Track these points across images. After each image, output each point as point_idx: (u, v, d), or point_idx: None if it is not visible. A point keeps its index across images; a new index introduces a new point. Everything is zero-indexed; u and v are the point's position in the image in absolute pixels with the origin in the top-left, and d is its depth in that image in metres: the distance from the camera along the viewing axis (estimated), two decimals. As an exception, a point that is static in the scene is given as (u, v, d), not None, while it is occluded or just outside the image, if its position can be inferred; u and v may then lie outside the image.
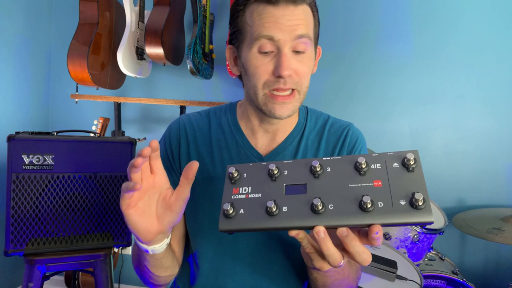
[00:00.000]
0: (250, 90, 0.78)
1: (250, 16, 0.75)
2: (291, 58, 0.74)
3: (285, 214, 0.52)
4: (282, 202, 0.54)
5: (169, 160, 0.88)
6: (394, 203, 0.49)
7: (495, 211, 1.88)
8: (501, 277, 2.13)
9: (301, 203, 0.53)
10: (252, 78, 0.76)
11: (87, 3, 1.97)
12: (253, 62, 0.75)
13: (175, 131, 0.89)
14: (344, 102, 2.23)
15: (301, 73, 0.75)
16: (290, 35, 0.72)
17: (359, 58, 2.21)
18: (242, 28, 0.77)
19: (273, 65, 0.74)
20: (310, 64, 0.79)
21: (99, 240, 1.49)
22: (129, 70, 2.01)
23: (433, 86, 2.14)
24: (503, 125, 2.09)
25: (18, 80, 2.27)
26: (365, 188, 0.52)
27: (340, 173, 0.55)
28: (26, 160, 1.38)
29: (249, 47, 0.75)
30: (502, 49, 2.08)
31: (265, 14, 0.72)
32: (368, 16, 2.19)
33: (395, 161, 0.54)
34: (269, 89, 0.75)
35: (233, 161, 0.86)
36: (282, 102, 0.76)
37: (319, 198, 0.51)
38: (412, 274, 1.39)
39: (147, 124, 2.43)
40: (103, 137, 1.97)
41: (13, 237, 1.37)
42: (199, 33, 2.03)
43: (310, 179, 0.55)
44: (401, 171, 0.53)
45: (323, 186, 0.54)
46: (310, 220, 0.51)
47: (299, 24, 0.73)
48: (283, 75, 0.72)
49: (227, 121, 0.90)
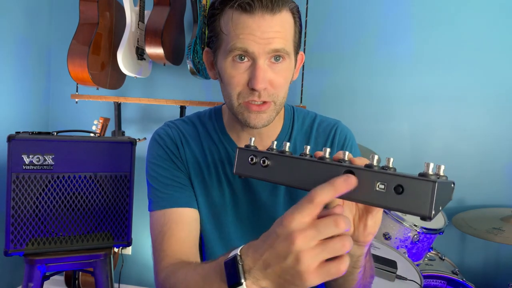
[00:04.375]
0: (226, 98, 0.77)
1: (225, 24, 0.72)
2: (266, 70, 0.71)
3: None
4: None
5: (173, 161, 0.85)
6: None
7: (495, 211, 1.88)
8: (501, 277, 2.13)
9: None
10: (227, 87, 0.75)
11: (87, 3, 1.97)
12: (227, 71, 0.73)
13: (169, 136, 0.86)
14: (343, 102, 2.23)
15: (276, 84, 0.73)
16: (264, 48, 0.69)
17: (359, 58, 2.20)
18: (218, 35, 0.75)
19: (247, 76, 0.72)
20: (288, 75, 0.76)
21: (99, 240, 1.50)
22: (129, 70, 2.01)
23: (433, 86, 2.14)
24: (503, 125, 2.09)
25: (18, 80, 2.27)
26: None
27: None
28: (26, 160, 1.38)
29: (224, 56, 0.73)
30: (502, 49, 2.08)
31: (240, 24, 0.69)
32: (368, 16, 2.19)
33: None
34: (243, 100, 0.73)
35: (225, 169, 0.84)
36: (257, 112, 0.74)
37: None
38: (412, 274, 1.39)
39: (147, 124, 2.43)
40: (103, 137, 1.97)
41: (13, 237, 1.37)
42: (199, 33, 2.03)
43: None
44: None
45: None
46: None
47: (274, 37, 0.70)
48: (257, 89, 0.70)
49: (213, 127, 0.88)
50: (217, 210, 0.85)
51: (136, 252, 2.45)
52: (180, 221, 0.79)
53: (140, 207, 1.68)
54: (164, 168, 0.84)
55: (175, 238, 0.77)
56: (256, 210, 0.85)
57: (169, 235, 0.77)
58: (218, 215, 0.85)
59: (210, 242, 0.86)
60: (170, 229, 0.78)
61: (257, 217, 0.85)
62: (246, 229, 0.85)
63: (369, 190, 0.46)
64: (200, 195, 0.85)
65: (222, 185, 0.85)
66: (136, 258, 2.45)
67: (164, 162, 0.85)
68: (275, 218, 0.85)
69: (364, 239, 0.58)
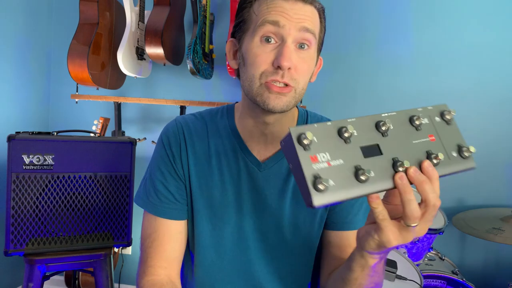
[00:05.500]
0: (246, 81, 0.76)
1: (258, 6, 0.74)
2: (293, 51, 0.72)
3: (373, 178, 0.51)
4: (366, 166, 0.51)
5: (172, 165, 0.85)
6: (449, 155, 0.57)
7: (495, 211, 1.88)
8: (501, 277, 2.13)
9: (383, 164, 0.53)
10: (250, 68, 0.74)
11: (87, 3, 1.97)
12: (253, 50, 0.73)
13: (175, 135, 0.86)
14: (343, 102, 2.23)
15: (300, 70, 0.73)
16: (295, 26, 0.71)
17: (359, 58, 2.21)
18: (248, 18, 0.76)
19: (273, 55, 0.72)
20: (311, 65, 0.76)
21: (99, 240, 1.50)
22: (129, 70, 2.01)
23: (433, 86, 2.14)
24: (503, 125, 2.09)
25: (18, 80, 2.27)
26: (426, 144, 0.56)
27: (401, 130, 0.56)
28: (26, 160, 1.38)
29: (252, 36, 0.74)
30: (502, 49, 2.08)
31: (273, 4, 0.72)
32: (368, 16, 2.19)
33: (435, 115, 0.59)
34: (266, 80, 0.72)
35: (231, 168, 0.84)
36: (277, 93, 0.72)
37: (397, 158, 0.53)
38: (412, 274, 1.39)
39: (147, 124, 2.43)
40: (103, 137, 1.97)
41: (13, 237, 1.37)
42: (199, 33, 2.03)
43: (380, 138, 0.55)
44: (443, 125, 0.59)
45: (393, 145, 0.54)
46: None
47: (306, 19, 0.72)
48: (283, 66, 0.69)
49: (224, 125, 0.87)
50: (218, 210, 0.84)
51: (136, 252, 2.45)
52: (168, 232, 0.84)
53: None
54: (162, 174, 0.85)
55: (161, 248, 0.83)
56: (260, 212, 0.84)
57: (157, 244, 0.83)
58: (218, 215, 0.85)
59: (204, 242, 0.85)
60: (158, 239, 0.84)
61: (260, 219, 0.84)
62: (246, 232, 0.85)
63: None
64: (200, 195, 0.84)
65: (225, 184, 0.84)
66: (136, 258, 2.45)
67: (164, 166, 0.85)
68: (280, 222, 0.83)
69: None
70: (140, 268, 0.84)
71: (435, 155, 0.54)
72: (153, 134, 2.40)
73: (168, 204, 0.84)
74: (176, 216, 0.85)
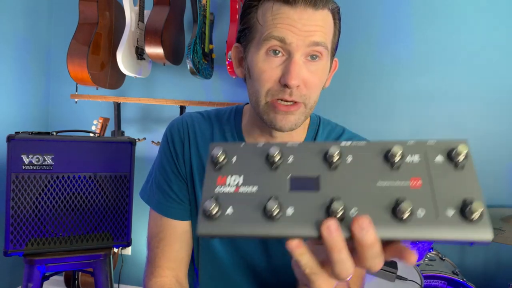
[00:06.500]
0: (253, 96, 0.71)
1: (262, 14, 0.67)
2: (301, 66, 0.65)
3: (290, 218, 0.38)
4: (286, 201, 0.39)
5: (175, 163, 0.84)
6: (439, 212, 0.37)
7: (495, 211, 1.88)
8: (501, 277, 2.13)
9: (312, 204, 0.39)
10: (255, 83, 0.69)
11: (87, 3, 1.97)
12: (259, 65, 0.67)
13: (179, 133, 0.84)
14: (343, 102, 2.23)
15: (310, 84, 0.67)
16: (304, 41, 0.64)
17: (359, 58, 2.20)
18: (253, 27, 0.69)
19: (280, 72, 0.66)
20: (323, 77, 0.70)
21: (99, 240, 1.49)
22: (129, 70, 2.01)
23: (433, 86, 2.14)
24: (503, 125, 2.09)
25: (18, 80, 2.26)
26: (400, 189, 0.39)
27: (365, 165, 0.41)
28: (26, 160, 1.38)
29: (257, 48, 0.68)
30: (502, 49, 2.07)
31: (279, 14, 0.65)
32: (368, 16, 2.19)
33: (438, 153, 0.41)
34: (272, 98, 0.67)
35: None
36: (285, 113, 0.67)
37: (339, 199, 0.38)
38: (413, 274, 1.39)
39: (147, 124, 2.43)
40: (103, 137, 1.97)
41: (12, 237, 1.37)
42: (199, 33, 2.03)
43: (325, 170, 0.41)
44: (447, 168, 0.41)
45: (343, 182, 0.40)
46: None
47: (316, 30, 0.65)
48: (290, 85, 0.64)
49: (230, 130, 0.83)
50: None
51: (135, 252, 2.45)
52: (174, 232, 0.83)
53: (140, 207, 1.68)
54: (166, 172, 0.84)
55: (168, 248, 0.82)
56: None
57: (164, 244, 0.82)
58: None
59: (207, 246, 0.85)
60: (165, 239, 0.82)
61: None
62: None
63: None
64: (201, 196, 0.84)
65: None
66: (136, 258, 2.45)
67: (168, 164, 0.84)
68: None
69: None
70: (148, 268, 0.83)
71: (405, 209, 0.36)
72: (152, 134, 2.40)
73: (171, 203, 0.83)
74: (181, 216, 0.83)
